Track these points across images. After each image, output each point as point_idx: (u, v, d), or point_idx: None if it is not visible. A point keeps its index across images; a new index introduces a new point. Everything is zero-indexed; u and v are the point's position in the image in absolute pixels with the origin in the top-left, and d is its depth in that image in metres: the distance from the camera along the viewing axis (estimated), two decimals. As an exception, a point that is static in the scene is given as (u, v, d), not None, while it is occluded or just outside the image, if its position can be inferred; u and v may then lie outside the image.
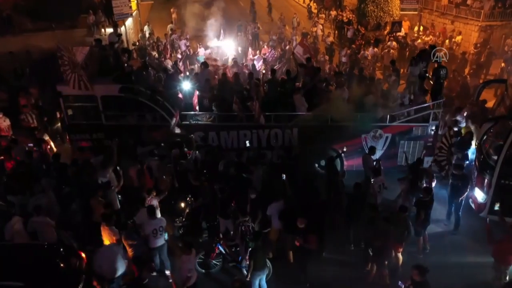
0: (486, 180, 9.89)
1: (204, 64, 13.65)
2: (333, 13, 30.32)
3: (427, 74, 12.28)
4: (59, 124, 14.65)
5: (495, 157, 9.63)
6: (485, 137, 9.89)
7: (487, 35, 22.05)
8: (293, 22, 28.33)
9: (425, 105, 11.58)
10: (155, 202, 9.40)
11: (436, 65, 11.60)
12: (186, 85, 12.56)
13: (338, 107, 11.19)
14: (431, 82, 11.86)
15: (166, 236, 8.90)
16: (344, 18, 27.53)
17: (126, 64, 12.73)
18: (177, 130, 11.60)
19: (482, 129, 9.96)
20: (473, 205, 10.50)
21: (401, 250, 8.71)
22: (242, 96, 12.37)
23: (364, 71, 13.95)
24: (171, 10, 30.94)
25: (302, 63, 13.33)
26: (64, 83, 11.84)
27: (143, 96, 12.02)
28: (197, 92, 12.58)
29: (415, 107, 11.62)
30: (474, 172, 10.52)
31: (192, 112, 12.33)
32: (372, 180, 9.95)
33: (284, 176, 9.21)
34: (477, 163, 10.34)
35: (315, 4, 36.32)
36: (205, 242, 9.86)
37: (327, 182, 10.05)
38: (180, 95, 12.50)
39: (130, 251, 8.43)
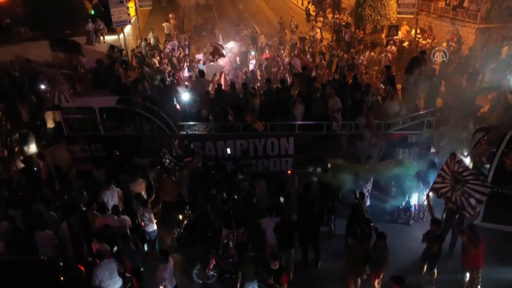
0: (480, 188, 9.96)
1: (200, 73, 13.80)
2: (330, 15, 30.40)
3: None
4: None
5: (488, 166, 9.74)
6: (477, 146, 10.00)
7: (485, 38, 22.09)
8: (291, 25, 28.43)
9: (419, 113, 11.71)
10: (147, 215, 9.55)
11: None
12: (184, 96, 12.71)
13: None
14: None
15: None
16: (342, 21, 27.63)
17: (124, 75, 12.94)
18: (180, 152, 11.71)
19: (474, 138, 10.08)
20: (467, 214, 10.56)
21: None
22: (238, 105, 12.51)
23: (358, 78, 13.97)
24: (170, 15, 31.05)
25: (298, 73, 13.47)
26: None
27: (140, 107, 12.18)
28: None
29: (410, 115, 11.74)
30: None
31: (190, 123, 12.47)
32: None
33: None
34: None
35: (313, 6, 36.46)
36: (202, 253, 9.98)
37: (321, 193, 10.17)
38: (178, 106, 12.62)
39: (128, 263, 8.59)
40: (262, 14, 38.52)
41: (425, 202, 10.01)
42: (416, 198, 10.63)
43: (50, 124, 15.53)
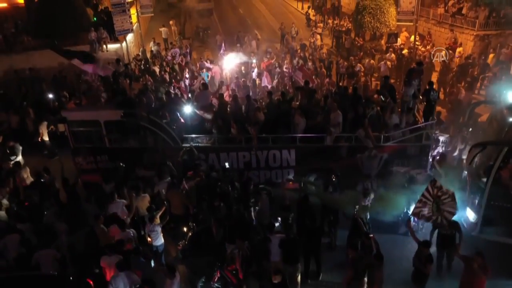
0: (476, 201, 10.25)
1: (204, 86, 14.06)
2: (330, 21, 30.67)
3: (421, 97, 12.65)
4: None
5: (485, 179, 9.99)
6: (474, 161, 10.26)
7: (484, 45, 22.34)
8: (291, 32, 28.69)
9: (418, 125, 11.97)
10: (156, 229, 9.79)
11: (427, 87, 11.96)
12: (187, 109, 12.97)
13: None
14: (424, 103, 12.24)
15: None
16: (342, 27, 27.89)
17: (128, 87, 13.21)
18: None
19: (471, 154, 10.33)
20: (465, 224, 10.84)
21: None
22: (241, 118, 12.76)
23: (358, 90, 14.23)
24: (170, 22, 31.33)
25: (299, 86, 13.73)
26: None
27: (144, 120, 12.45)
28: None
29: (409, 128, 11.99)
30: (466, 192, 10.88)
31: (193, 135, 12.73)
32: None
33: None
34: (468, 184, 10.69)
35: (313, 11, 36.70)
36: (207, 266, 10.22)
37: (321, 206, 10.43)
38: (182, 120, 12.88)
39: (139, 274, 8.81)
40: (262, 18, 38.76)
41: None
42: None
43: (45, 137, 15.66)
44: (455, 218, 10.12)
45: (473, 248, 8.91)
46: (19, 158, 14.24)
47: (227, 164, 12.34)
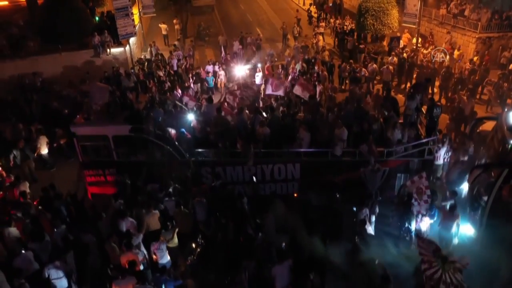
0: (477, 218, 10.54)
1: (209, 100, 14.26)
2: (332, 20, 30.64)
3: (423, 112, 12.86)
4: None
5: (485, 198, 10.27)
6: (475, 182, 10.52)
7: (486, 47, 22.43)
8: (293, 31, 28.72)
9: (421, 141, 12.20)
10: (162, 247, 10.09)
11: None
12: (193, 123, 13.21)
13: None
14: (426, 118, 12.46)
15: None
16: (345, 27, 27.89)
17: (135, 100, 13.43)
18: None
19: (472, 175, 10.59)
20: (466, 239, 11.16)
21: None
22: (246, 132, 12.99)
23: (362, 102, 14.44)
24: (174, 21, 31.34)
25: (304, 101, 13.92)
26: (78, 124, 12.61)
27: (151, 135, 12.69)
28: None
29: (412, 144, 12.23)
30: (466, 208, 11.17)
31: (200, 150, 12.97)
32: None
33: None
34: (468, 201, 10.98)
35: (315, 8, 36.61)
36: (216, 281, 10.56)
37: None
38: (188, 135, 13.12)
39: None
40: (264, 15, 38.67)
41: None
42: (415, 224, 11.16)
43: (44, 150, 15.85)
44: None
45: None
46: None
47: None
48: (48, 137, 15.81)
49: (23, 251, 9.70)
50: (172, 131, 12.93)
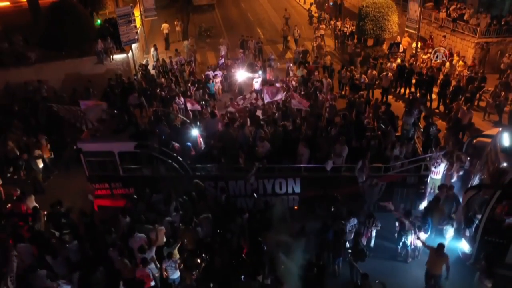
0: (471, 235, 10.94)
1: (212, 115, 14.61)
2: (333, 22, 30.78)
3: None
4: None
5: (479, 216, 10.66)
6: (469, 202, 10.92)
7: (484, 53, 22.63)
8: (294, 34, 28.92)
9: (418, 158, 12.58)
10: (173, 264, 10.51)
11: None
12: (197, 139, 13.59)
13: None
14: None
15: None
16: (345, 29, 28.07)
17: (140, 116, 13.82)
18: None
19: (466, 196, 10.97)
20: (460, 254, 11.59)
21: None
22: (248, 147, 13.36)
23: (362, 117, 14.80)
24: (175, 22, 31.49)
25: (305, 117, 14.33)
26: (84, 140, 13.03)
27: (156, 150, 13.08)
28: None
29: (409, 160, 12.61)
30: (461, 224, 11.57)
31: (202, 165, 13.35)
32: None
33: None
34: (463, 218, 11.38)
35: (315, 7, 36.72)
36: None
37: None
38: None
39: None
40: (264, 14, 38.77)
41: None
42: (412, 238, 11.58)
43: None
44: (451, 247, 11.05)
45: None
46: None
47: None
48: (53, 147, 16.20)
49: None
50: (176, 144, 13.31)
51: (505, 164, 10.05)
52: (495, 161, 10.44)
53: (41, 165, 15.69)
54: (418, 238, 11.07)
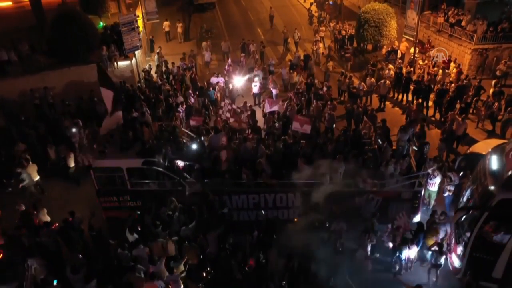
0: (461, 251, 11.63)
1: (215, 130, 15.20)
2: (332, 24, 31.12)
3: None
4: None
5: (468, 234, 11.33)
6: (459, 223, 11.59)
7: (483, 59, 23.09)
8: (294, 37, 29.31)
9: (412, 175, 13.22)
10: (175, 278, 11.20)
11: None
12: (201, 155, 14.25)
13: None
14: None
15: None
16: (344, 32, 28.45)
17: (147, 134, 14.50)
18: None
19: (455, 216, 11.62)
20: (451, 267, 12.31)
21: None
22: (251, 163, 13.98)
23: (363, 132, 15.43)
24: (176, 24, 31.83)
25: (305, 135, 14.96)
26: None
27: (162, 167, 13.71)
28: None
29: (403, 177, 13.26)
30: (451, 240, 12.25)
31: (206, 180, 13.99)
32: None
33: None
34: (453, 234, 12.06)
35: (315, 7, 36.99)
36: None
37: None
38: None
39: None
40: (265, 13, 38.91)
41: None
42: (406, 252, 12.27)
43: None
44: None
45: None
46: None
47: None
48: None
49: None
50: (181, 164, 13.96)
51: (492, 188, 10.65)
52: (484, 182, 11.03)
53: (36, 177, 15.91)
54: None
